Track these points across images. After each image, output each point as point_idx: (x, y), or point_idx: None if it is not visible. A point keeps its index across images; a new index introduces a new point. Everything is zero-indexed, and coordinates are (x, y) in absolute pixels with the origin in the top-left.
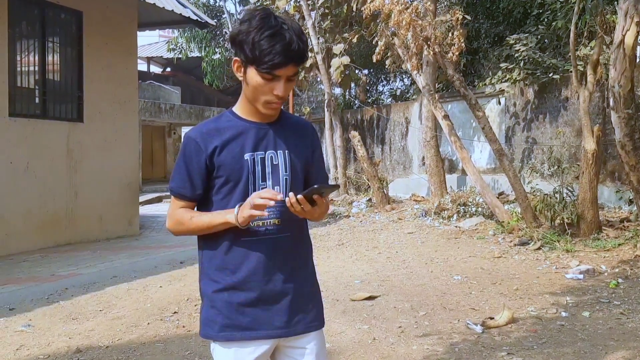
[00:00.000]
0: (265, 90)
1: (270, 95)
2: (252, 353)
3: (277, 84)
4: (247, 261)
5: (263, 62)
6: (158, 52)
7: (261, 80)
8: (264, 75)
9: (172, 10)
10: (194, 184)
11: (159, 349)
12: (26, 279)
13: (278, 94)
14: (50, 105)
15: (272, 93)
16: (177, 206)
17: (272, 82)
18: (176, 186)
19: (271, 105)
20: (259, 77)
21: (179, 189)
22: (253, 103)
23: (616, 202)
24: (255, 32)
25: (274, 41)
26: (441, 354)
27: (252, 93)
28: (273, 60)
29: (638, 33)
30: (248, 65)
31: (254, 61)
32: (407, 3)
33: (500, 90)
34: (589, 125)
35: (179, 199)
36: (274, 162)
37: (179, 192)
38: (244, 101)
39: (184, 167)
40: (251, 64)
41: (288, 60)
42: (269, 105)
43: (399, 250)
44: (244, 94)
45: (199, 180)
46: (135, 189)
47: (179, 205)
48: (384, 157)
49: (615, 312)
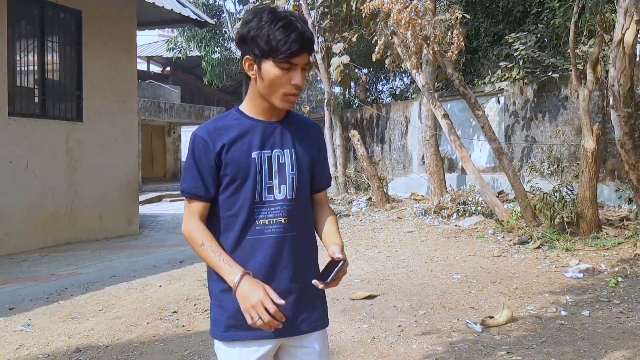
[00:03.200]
0: (284, 81)
1: (288, 87)
2: (256, 352)
3: (295, 73)
4: (253, 259)
5: (280, 52)
6: (158, 52)
7: (279, 71)
8: (282, 65)
9: (172, 10)
10: (205, 182)
11: (158, 348)
12: (26, 278)
13: (297, 83)
14: (49, 105)
15: (290, 84)
16: (190, 210)
17: (289, 72)
18: (188, 186)
19: (289, 97)
20: (277, 68)
21: (191, 189)
22: (269, 98)
23: (616, 201)
24: (268, 26)
25: (289, 30)
26: (441, 353)
27: (269, 88)
28: (291, 48)
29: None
30: (263, 60)
31: (270, 53)
32: (407, 2)
33: (500, 89)
34: (588, 124)
35: (192, 200)
36: (280, 161)
37: (191, 192)
38: (251, 100)
39: (194, 166)
40: (267, 57)
41: (304, 48)
42: (286, 98)
43: (399, 249)
44: (255, 92)
45: (210, 179)
46: (134, 188)
47: (193, 209)
48: (383, 156)
49: (615, 311)
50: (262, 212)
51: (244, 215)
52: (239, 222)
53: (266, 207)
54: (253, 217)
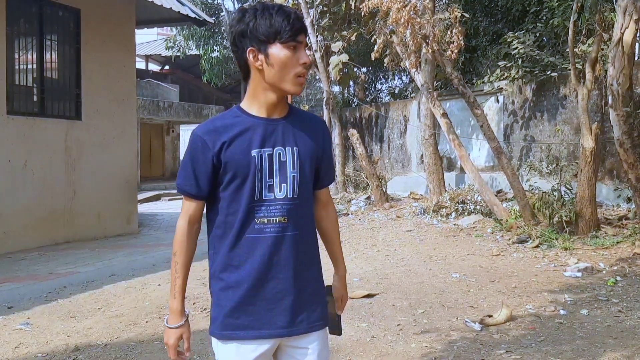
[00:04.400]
0: (294, 62)
1: (298, 67)
2: (254, 351)
3: (301, 52)
4: (251, 258)
5: (285, 32)
6: (156, 50)
7: (288, 52)
8: (289, 44)
9: (171, 8)
10: (198, 181)
11: (157, 347)
12: (24, 277)
13: (306, 62)
14: (48, 103)
15: (299, 64)
16: (184, 207)
17: (296, 52)
18: (182, 183)
19: (300, 79)
20: (285, 49)
21: (184, 186)
22: (281, 84)
23: (614, 200)
24: (265, 13)
25: (286, 13)
26: (439, 352)
27: (281, 71)
28: (294, 26)
29: (637, 31)
30: (269, 45)
31: (275, 36)
32: (406, 1)
33: (499, 88)
34: (587, 123)
35: (185, 196)
36: (282, 159)
37: (184, 189)
38: (252, 96)
39: (190, 164)
40: (273, 41)
41: (303, 27)
42: (298, 80)
43: (398, 248)
44: (258, 87)
45: (204, 179)
46: (133, 187)
47: (186, 206)
48: (382, 155)
49: (614, 310)
50: (261, 211)
51: (244, 213)
52: (238, 220)
53: (266, 205)
54: (252, 215)
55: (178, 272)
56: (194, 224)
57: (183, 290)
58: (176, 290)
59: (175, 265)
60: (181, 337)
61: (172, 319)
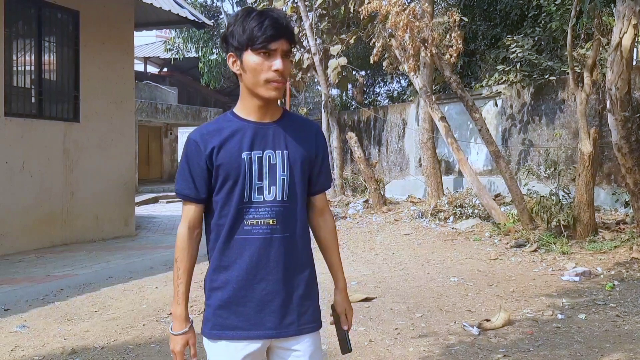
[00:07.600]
0: (264, 68)
1: (269, 72)
2: (243, 349)
3: (274, 59)
4: (240, 259)
5: (256, 38)
6: (155, 52)
7: (258, 58)
8: (259, 51)
9: (169, 10)
10: (196, 185)
11: (154, 350)
12: (21, 279)
13: (278, 69)
14: (46, 105)
15: (271, 70)
16: (183, 212)
17: (269, 58)
18: (180, 187)
19: (272, 84)
20: (255, 56)
21: (182, 190)
22: (255, 90)
23: (612, 205)
24: (243, 19)
25: (262, 18)
26: (437, 356)
27: (252, 77)
28: (265, 34)
29: (635, 35)
30: (243, 51)
31: (248, 42)
32: (405, 4)
33: (497, 92)
34: (585, 127)
35: (184, 201)
36: (271, 162)
37: (182, 192)
38: (242, 100)
39: (187, 168)
40: (245, 47)
41: (280, 33)
42: (270, 85)
43: (396, 252)
44: (245, 90)
45: (201, 182)
46: (131, 189)
47: (185, 210)
48: (380, 158)
49: (611, 314)
50: (250, 212)
51: (233, 214)
52: (228, 222)
53: (254, 207)
54: (241, 217)
55: (181, 278)
56: (194, 229)
57: (186, 296)
58: (179, 296)
59: (177, 271)
60: (187, 343)
61: (177, 326)
